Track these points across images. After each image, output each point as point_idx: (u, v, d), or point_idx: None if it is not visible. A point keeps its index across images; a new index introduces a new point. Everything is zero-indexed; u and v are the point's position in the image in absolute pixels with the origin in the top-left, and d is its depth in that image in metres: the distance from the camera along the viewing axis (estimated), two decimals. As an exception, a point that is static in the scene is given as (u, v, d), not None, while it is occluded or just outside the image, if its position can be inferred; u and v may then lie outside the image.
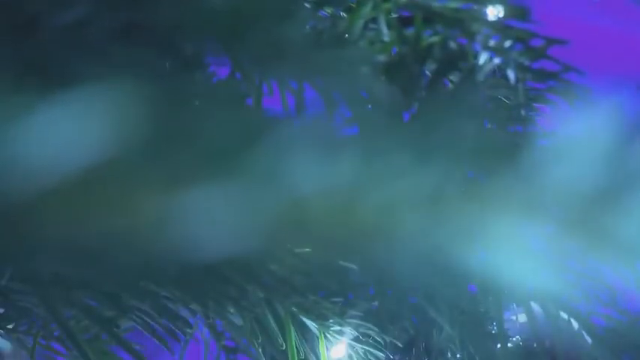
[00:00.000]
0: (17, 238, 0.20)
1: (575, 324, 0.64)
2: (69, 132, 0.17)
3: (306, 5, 0.59)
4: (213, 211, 0.19)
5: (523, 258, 0.25)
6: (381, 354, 0.70)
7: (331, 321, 0.67)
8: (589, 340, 0.64)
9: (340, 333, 0.68)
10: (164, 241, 0.20)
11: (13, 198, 0.17)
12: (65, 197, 0.18)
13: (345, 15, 0.61)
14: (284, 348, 0.67)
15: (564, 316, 0.63)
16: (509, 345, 0.66)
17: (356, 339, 0.69)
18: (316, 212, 0.22)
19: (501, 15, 0.61)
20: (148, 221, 0.19)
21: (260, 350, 0.68)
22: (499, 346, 0.66)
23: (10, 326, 0.64)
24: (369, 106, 0.52)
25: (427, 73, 0.60)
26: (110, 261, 0.23)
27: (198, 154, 0.18)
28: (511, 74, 0.61)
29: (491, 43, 0.61)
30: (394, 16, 0.62)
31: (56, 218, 0.18)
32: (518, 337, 0.67)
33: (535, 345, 0.65)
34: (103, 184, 0.17)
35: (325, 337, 0.68)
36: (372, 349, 0.69)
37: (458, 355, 0.67)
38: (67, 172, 0.16)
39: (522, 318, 0.67)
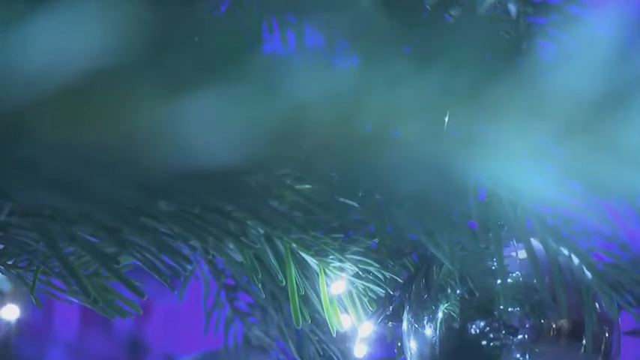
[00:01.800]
0: (17, 145, 0.20)
1: (575, 259, 0.64)
2: (67, 40, 0.16)
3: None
4: (211, 120, 0.19)
5: (523, 166, 0.25)
6: (380, 290, 0.70)
7: (331, 257, 0.68)
8: (589, 275, 0.64)
9: (340, 269, 0.68)
10: (161, 150, 0.20)
11: (12, 105, 0.17)
12: (63, 105, 0.17)
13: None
14: (284, 284, 0.67)
15: (564, 251, 0.63)
16: (508, 281, 0.66)
17: (356, 275, 0.69)
18: (316, 121, 0.22)
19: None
20: (145, 130, 0.18)
21: (260, 287, 0.68)
22: (499, 282, 0.67)
23: (9, 262, 0.64)
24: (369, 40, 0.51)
25: (427, 7, 0.60)
26: (108, 178, 0.23)
27: (197, 63, 0.18)
28: (512, 8, 0.60)
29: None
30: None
31: (54, 126, 0.18)
32: (518, 273, 0.67)
33: (535, 281, 0.65)
34: (102, 92, 0.17)
35: (325, 273, 0.68)
36: (371, 285, 0.69)
37: (458, 291, 0.68)
38: (65, 79, 0.16)
39: (522, 254, 0.67)
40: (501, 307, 0.66)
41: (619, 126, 0.24)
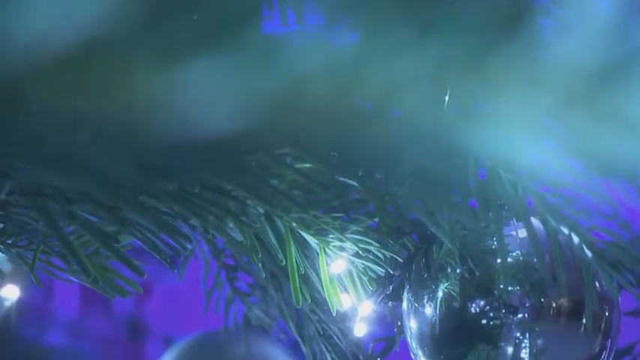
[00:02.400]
0: (15, 113, 0.20)
1: (575, 238, 0.64)
2: (65, 7, 0.16)
3: None
4: (211, 89, 0.19)
5: (524, 135, 0.25)
6: (380, 269, 0.70)
7: (331, 236, 0.67)
8: (589, 254, 0.64)
9: (340, 248, 0.68)
10: (160, 120, 0.20)
11: (10, 74, 0.17)
12: (61, 74, 0.17)
13: None
14: (284, 264, 0.67)
15: (565, 230, 0.63)
16: (509, 260, 0.66)
17: (356, 254, 0.69)
18: (315, 93, 0.21)
19: None
20: (144, 99, 0.18)
21: (260, 266, 0.68)
22: (499, 261, 0.67)
23: (9, 241, 0.64)
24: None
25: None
26: (108, 154, 0.22)
27: (196, 30, 0.18)
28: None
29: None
30: None
31: (52, 94, 0.17)
32: (518, 252, 0.67)
33: (535, 260, 0.65)
34: (100, 61, 0.17)
35: (325, 252, 0.68)
36: (371, 265, 0.69)
37: (458, 270, 0.68)
38: (63, 48, 0.16)
39: (522, 233, 0.67)
40: (501, 286, 0.66)
41: (619, 97, 0.24)
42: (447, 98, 0.30)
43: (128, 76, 0.18)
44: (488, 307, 0.66)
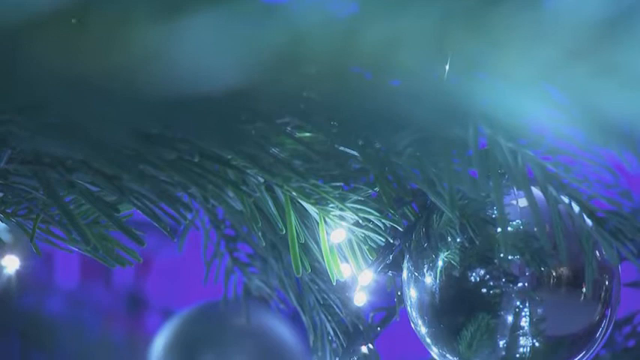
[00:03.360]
0: (15, 74, 0.20)
1: (575, 207, 0.64)
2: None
3: None
4: (209, 45, 0.19)
5: (525, 92, 0.24)
6: (380, 239, 0.70)
7: (331, 206, 0.67)
8: (589, 223, 0.64)
9: (340, 218, 0.68)
10: (159, 75, 0.20)
11: (7, 30, 0.16)
12: (56, 30, 0.17)
13: None
14: (284, 233, 0.67)
15: (565, 199, 0.63)
16: (509, 229, 0.66)
17: (356, 224, 0.69)
18: (317, 44, 0.21)
19: None
20: (142, 54, 0.18)
21: (260, 235, 0.68)
22: (499, 230, 0.67)
23: (9, 210, 0.64)
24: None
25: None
26: (107, 118, 0.22)
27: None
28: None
29: None
30: None
31: (50, 51, 0.17)
32: (518, 221, 0.67)
33: (535, 229, 0.65)
34: (97, 14, 0.17)
35: (325, 222, 0.68)
36: (371, 234, 0.69)
37: (458, 240, 0.68)
38: (58, 2, 0.16)
39: (523, 202, 0.67)
40: (501, 255, 0.66)
41: (621, 51, 0.24)
42: (448, 62, 0.29)
43: (125, 32, 0.17)
44: (488, 276, 0.66)
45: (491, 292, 0.66)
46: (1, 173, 0.57)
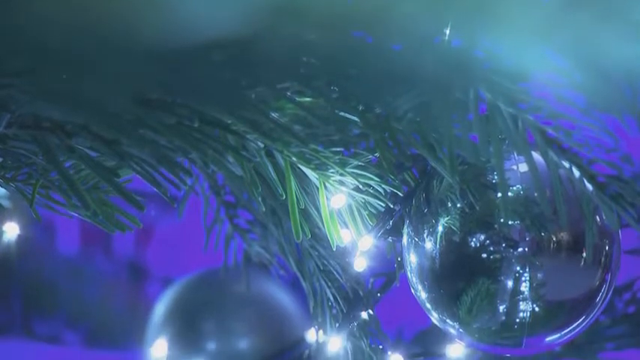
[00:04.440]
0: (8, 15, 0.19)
1: (576, 172, 0.63)
2: None
3: None
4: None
5: (528, 52, 0.24)
6: (380, 204, 0.70)
7: (331, 171, 0.67)
8: (590, 187, 0.64)
9: (340, 183, 0.68)
10: (161, 26, 0.19)
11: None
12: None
13: None
14: (284, 198, 0.67)
15: (565, 164, 0.63)
16: (509, 194, 0.66)
17: (356, 189, 0.69)
18: (317, 5, 0.21)
19: None
20: (144, 5, 0.18)
21: (260, 201, 0.68)
22: (499, 195, 0.66)
23: (8, 175, 0.63)
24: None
25: None
26: (107, 77, 0.22)
27: None
28: None
29: None
30: None
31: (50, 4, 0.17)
32: (518, 186, 0.67)
33: (536, 194, 0.65)
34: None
35: (325, 187, 0.68)
36: (372, 199, 0.69)
37: (458, 205, 0.67)
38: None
39: (523, 167, 0.67)
40: (502, 220, 0.66)
41: None
42: (448, 25, 0.29)
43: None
44: (488, 242, 0.66)
45: (491, 257, 0.66)
46: (1, 138, 0.56)
